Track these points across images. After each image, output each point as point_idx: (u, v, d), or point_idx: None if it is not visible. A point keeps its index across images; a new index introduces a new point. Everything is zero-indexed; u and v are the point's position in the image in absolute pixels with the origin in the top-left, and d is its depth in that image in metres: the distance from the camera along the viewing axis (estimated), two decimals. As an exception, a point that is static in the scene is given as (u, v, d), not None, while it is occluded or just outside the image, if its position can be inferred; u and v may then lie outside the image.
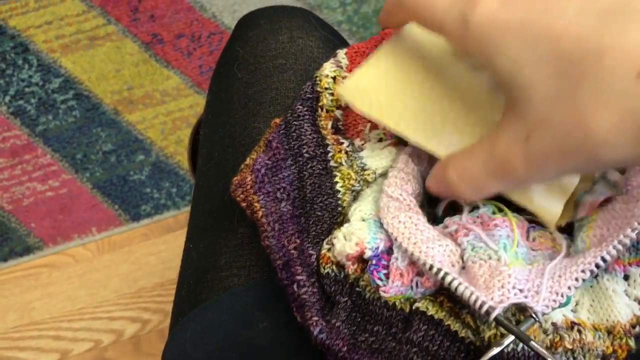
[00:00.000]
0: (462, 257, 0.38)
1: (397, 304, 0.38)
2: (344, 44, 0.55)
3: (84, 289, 1.10)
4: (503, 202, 0.43)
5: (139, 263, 1.11)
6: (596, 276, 0.38)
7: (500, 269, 0.35)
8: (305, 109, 0.42)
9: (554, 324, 0.37)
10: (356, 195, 0.42)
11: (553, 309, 0.35)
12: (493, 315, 0.33)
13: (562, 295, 0.35)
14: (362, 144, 0.43)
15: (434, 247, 0.37)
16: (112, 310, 1.07)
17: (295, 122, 0.41)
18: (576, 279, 0.35)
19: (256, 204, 0.40)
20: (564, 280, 0.35)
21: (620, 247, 0.36)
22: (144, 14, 1.15)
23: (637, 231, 0.36)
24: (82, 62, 1.14)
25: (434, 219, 0.43)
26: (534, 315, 0.35)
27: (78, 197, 1.11)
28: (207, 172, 0.51)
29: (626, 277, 0.38)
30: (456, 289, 0.35)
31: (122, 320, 1.07)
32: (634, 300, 0.38)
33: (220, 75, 0.53)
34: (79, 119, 1.11)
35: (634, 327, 0.37)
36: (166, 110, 1.11)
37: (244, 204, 0.41)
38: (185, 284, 0.50)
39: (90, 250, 1.12)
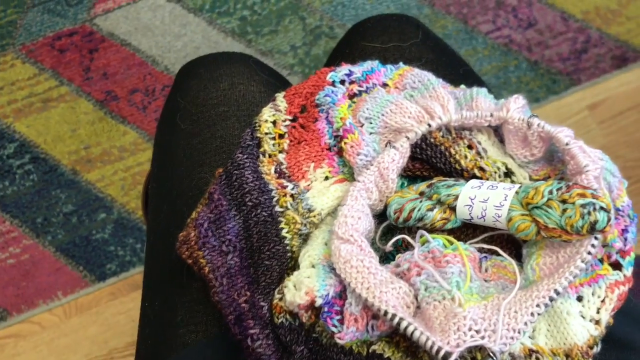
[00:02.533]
0: (416, 297, 0.37)
1: (353, 348, 0.38)
2: (285, 85, 0.55)
3: (53, 356, 1.06)
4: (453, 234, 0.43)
5: (108, 323, 1.07)
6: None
7: (455, 310, 0.34)
8: (245, 156, 0.42)
9: (511, 354, 0.36)
10: (306, 238, 0.42)
11: (511, 345, 0.35)
12: None
13: (519, 332, 0.35)
14: (308, 185, 0.43)
15: (387, 291, 0.36)
16: (84, 376, 1.03)
17: (236, 172, 0.41)
18: (532, 314, 0.35)
19: (202, 260, 0.39)
20: (520, 316, 0.35)
21: (571, 278, 0.36)
22: (97, 72, 1.14)
23: (587, 261, 0.36)
24: (36, 125, 1.12)
25: (385, 255, 0.43)
26: (492, 355, 0.34)
27: (41, 261, 1.08)
28: (156, 227, 0.50)
29: (580, 299, 0.38)
30: (412, 334, 0.34)
31: (94, 386, 1.03)
32: (590, 320, 0.38)
33: (164, 127, 0.53)
34: (36, 182, 1.09)
35: (591, 348, 0.37)
36: (125, 166, 1.09)
37: (189, 261, 0.40)
38: (143, 344, 0.48)
39: (57, 315, 1.08)
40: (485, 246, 0.40)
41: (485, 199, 0.39)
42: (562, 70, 1.09)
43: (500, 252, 0.40)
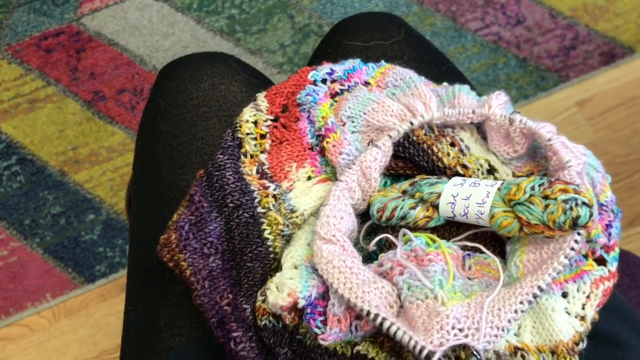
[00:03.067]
0: (399, 297, 0.37)
1: (337, 349, 0.37)
2: (267, 84, 0.55)
3: (42, 359, 1.06)
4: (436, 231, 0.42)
5: (98, 325, 1.07)
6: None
7: (438, 309, 0.34)
8: (226, 157, 0.41)
9: (496, 352, 0.36)
10: (288, 239, 0.41)
11: (495, 343, 0.34)
12: None
13: (502, 329, 0.34)
14: (291, 185, 0.42)
15: (369, 291, 0.35)
16: (74, 379, 1.03)
17: (216, 173, 0.41)
18: (515, 311, 0.35)
19: (183, 263, 0.39)
20: (504, 313, 0.35)
21: (555, 274, 0.36)
22: (84, 72, 1.13)
23: (570, 257, 0.36)
24: (23, 126, 1.11)
25: (369, 255, 0.42)
26: (475, 354, 0.34)
27: (29, 264, 1.07)
28: (138, 230, 0.49)
29: (565, 295, 0.38)
30: (395, 333, 0.34)
31: (84, 388, 1.02)
32: (575, 317, 0.38)
33: (145, 129, 0.52)
34: (24, 184, 1.08)
35: (577, 344, 0.37)
36: (113, 167, 1.09)
37: (171, 264, 0.39)
38: (127, 350, 0.48)
39: (45, 317, 1.07)
40: (469, 244, 0.40)
41: (468, 196, 0.39)
42: (550, 67, 1.09)
43: (484, 249, 0.40)
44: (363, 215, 0.43)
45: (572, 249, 0.36)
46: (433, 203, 0.40)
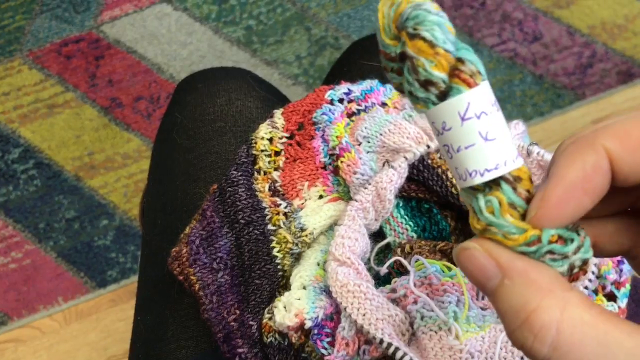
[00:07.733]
0: (411, 325, 0.37)
1: (343, 369, 0.37)
2: (283, 101, 0.55)
3: (52, 362, 1.06)
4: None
5: (108, 330, 1.07)
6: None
7: (452, 343, 0.34)
8: (240, 173, 0.42)
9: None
10: (298, 257, 0.41)
11: None
12: None
13: None
14: (302, 203, 0.43)
15: (383, 319, 0.35)
16: (82, 383, 1.03)
17: (229, 189, 0.41)
18: None
19: (192, 277, 0.39)
20: (517, 350, 0.35)
21: None
22: (102, 79, 1.15)
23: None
24: (41, 130, 1.13)
25: (377, 275, 0.42)
26: None
27: (42, 267, 1.08)
28: (150, 241, 0.50)
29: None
30: None
31: (92, 393, 1.03)
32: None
33: (161, 141, 0.53)
34: (40, 187, 1.10)
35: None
36: (128, 173, 1.10)
37: (180, 277, 0.40)
38: (134, 358, 0.48)
39: (57, 320, 1.08)
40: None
41: None
42: (567, 85, 1.09)
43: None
44: (374, 236, 0.43)
45: (586, 287, 0.36)
46: None
